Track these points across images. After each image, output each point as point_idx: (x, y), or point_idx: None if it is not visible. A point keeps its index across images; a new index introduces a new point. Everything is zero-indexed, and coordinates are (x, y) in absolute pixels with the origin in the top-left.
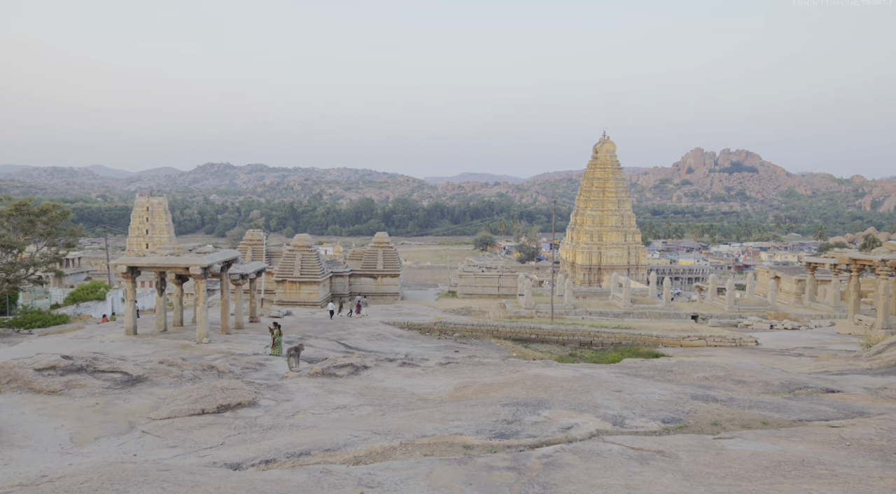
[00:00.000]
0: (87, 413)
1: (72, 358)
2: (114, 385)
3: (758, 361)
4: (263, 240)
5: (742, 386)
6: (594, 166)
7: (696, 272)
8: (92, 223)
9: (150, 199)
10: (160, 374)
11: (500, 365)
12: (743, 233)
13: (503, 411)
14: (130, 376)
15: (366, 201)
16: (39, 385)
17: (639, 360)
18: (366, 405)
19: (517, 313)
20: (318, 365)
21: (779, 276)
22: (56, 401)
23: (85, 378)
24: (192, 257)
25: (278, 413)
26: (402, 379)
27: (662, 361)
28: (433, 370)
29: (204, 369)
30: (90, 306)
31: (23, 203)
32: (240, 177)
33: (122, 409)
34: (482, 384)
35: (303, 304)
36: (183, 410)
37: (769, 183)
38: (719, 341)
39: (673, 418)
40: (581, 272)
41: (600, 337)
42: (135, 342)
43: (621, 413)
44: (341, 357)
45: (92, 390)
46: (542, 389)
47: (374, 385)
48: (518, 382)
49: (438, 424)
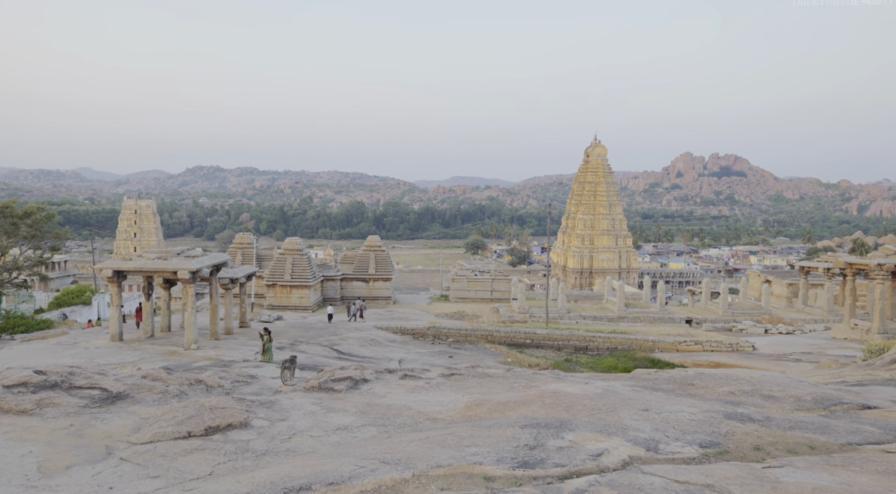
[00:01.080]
0: (60, 436)
1: (45, 373)
2: (91, 403)
3: (781, 374)
4: (253, 243)
5: (773, 402)
6: (585, 170)
7: (687, 275)
8: (79, 226)
9: (139, 202)
10: (143, 390)
11: (508, 377)
12: (732, 237)
13: (523, 434)
14: (110, 393)
15: (356, 204)
16: (8, 404)
17: (653, 371)
18: (369, 425)
19: (511, 317)
20: (315, 379)
21: (770, 280)
22: (25, 423)
23: (59, 395)
24: (180, 261)
25: (273, 436)
26: (406, 394)
27: (680, 373)
28: (438, 383)
29: (191, 383)
30: (75, 311)
31: (5, 205)
32: (230, 179)
33: (98, 432)
34: (496, 402)
35: (294, 308)
36: (167, 433)
37: (757, 187)
38: (716, 346)
39: (710, 441)
40: (573, 275)
41: (596, 342)
42: (120, 348)
43: (653, 436)
44: (338, 369)
45: (66, 409)
46: (562, 408)
47: (376, 401)
48: (535, 400)
49: (454, 451)
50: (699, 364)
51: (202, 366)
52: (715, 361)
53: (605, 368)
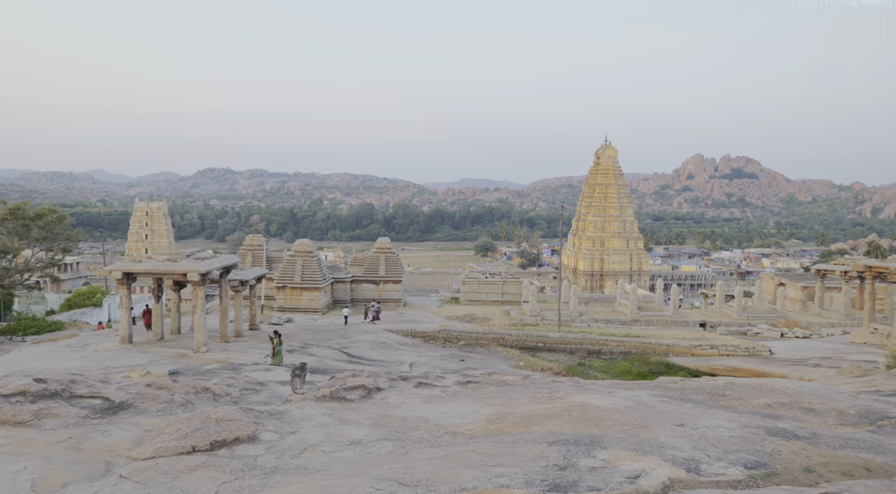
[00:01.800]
0: (57, 450)
1: (45, 381)
2: (92, 413)
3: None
4: (264, 245)
5: (814, 416)
6: (596, 172)
7: (699, 278)
8: (91, 228)
9: (150, 204)
10: (147, 400)
11: (528, 386)
12: (744, 240)
13: (552, 452)
14: (112, 402)
15: (366, 206)
16: (5, 414)
17: (678, 380)
18: (384, 439)
19: (522, 320)
20: (327, 387)
21: (784, 283)
22: (22, 435)
23: (59, 405)
24: (189, 263)
25: (282, 451)
26: (422, 404)
27: (709, 382)
28: (454, 392)
29: (197, 391)
30: (86, 312)
31: (17, 207)
32: (240, 181)
33: (98, 445)
34: (520, 415)
35: (304, 311)
36: (170, 447)
37: (769, 189)
38: (732, 350)
39: (756, 462)
40: (583, 278)
41: (609, 346)
42: (130, 351)
43: (692, 455)
44: (350, 375)
45: (66, 420)
46: (591, 423)
47: (391, 413)
48: (562, 414)
49: (478, 471)
50: (715, 368)
51: (212, 370)
52: (731, 366)
53: (618, 372)
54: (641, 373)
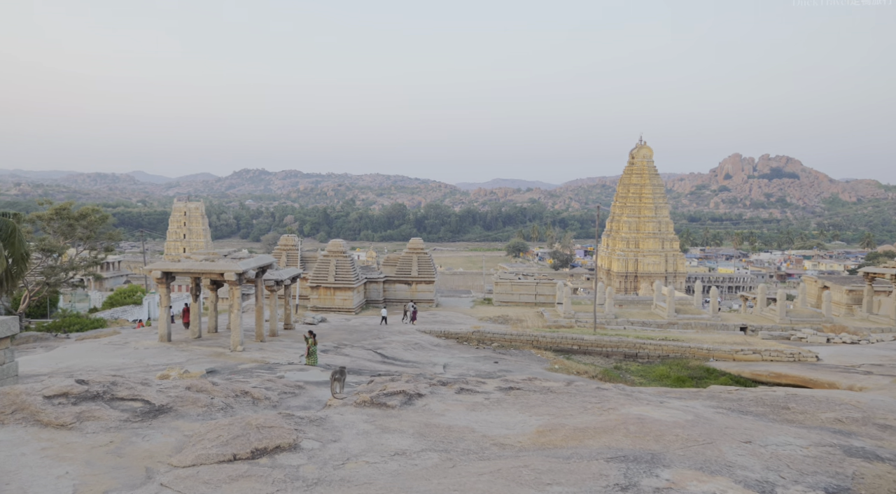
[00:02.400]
0: (99, 455)
1: (87, 382)
2: (133, 417)
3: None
4: (298, 245)
5: (892, 434)
6: (630, 172)
7: (737, 280)
8: (132, 227)
9: (188, 204)
10: (187, 403)
11: (574, 394)
12: (784, 241)
13: (611, 470)
14: (153, 405)
15: (398, 207)
16: (48, 416)
17: (732, 389)
18: (429, 450)
19: (556, 322)
20: (366, 392)
21: (828, 286)
22: (64, 438)
23: (100, 408)
24: (226, 263)
25: (325, 461)
26: (466, 412)
27: (768, 394)
28: (498, 400)
29: (237, 395)
30: (127, 310)
31: (63, 207)
32: (274, 182)
33: (139, 450)
34: (572, 427)
35: (337, 310)
36: (211, 455)
37: (811, 189)
38: (775, 355)
39: (837, 486)
40: (617, 279)
41: (646, 350)
42: (168, 349)
43: (765, 476)
44: (388, 379)
45: (107, 423)
46: (651, 438)
47: (434, 421)
48: (618, 427)
49: (533, 490)
50: (758, 374)
51: (248, 369)
52: (776, 372)
53: (656, 377)
54: (680, 378)
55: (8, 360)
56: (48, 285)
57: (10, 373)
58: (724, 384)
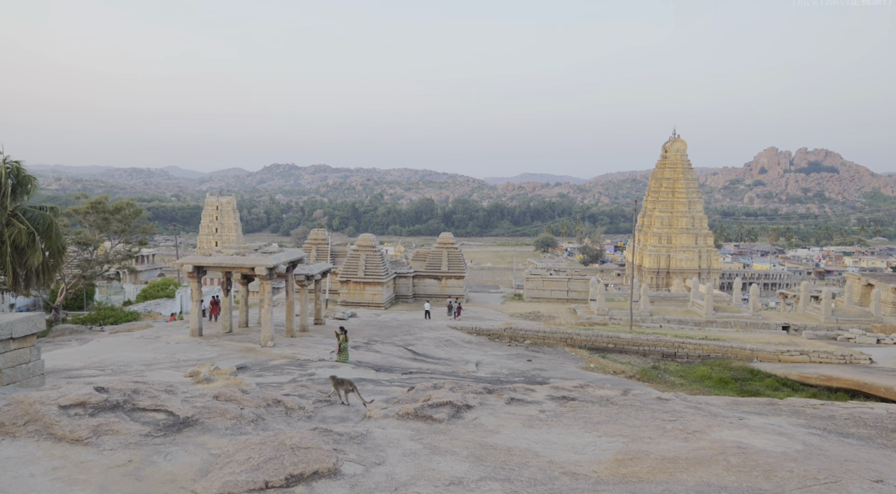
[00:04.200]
0: (115, 477)
1: (107, 390)
2: (155, 431)
3: None
4: (328, 239)
5: None
6: (663, 166)
7: (773, 277)
8: (166, 221)
9: (220, 199)
10: (214, 414)
11: (637, 407)
12: (823, 237)
13: None
14: (177, 418)
15: (426, 201)
16: (62, 429)
17: (817, 403)
18: (489, 479)
19: (589, 319)
20: (409, 402)
21: (873, 284)
22: (79, 455)
23: (120, 420)
24: (257, 257)
25: (370, 490)
26: (523, 429)
27: (863, 410)
28: (555, 413)
29: (268, 404)
30: (160, 303)
31: (98, 201)
32: (304, 177)
33: (160, 473)
34: (659, 457)
35: (367, 305)
36: (240, 482)
37: (851, 184)
38: (824, 357)
39: None
40: (648, 275)
41: (685, 349)
42: (200, 344)
43: None
44: (431, 387)
45: (126, 439)
46: (759, 474)
47: (489, 441)
48: (716, 458)
49: None
50: (807, 377)
51: (278, 365)
52: (826, 375)
53: (697, 377)
54: (723, 379)
55: (34, 358)
56: (84, 278)
57: (36, 372)
58: (770, 386)
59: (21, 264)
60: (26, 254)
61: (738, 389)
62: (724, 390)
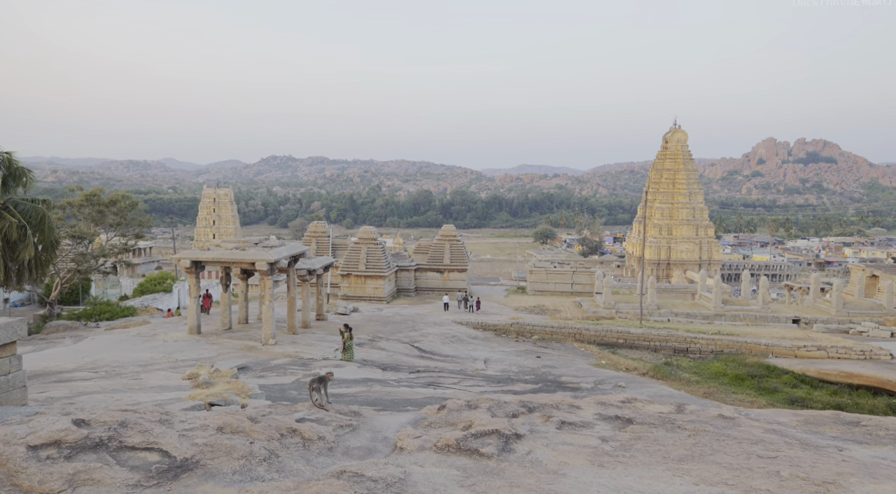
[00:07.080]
0: None
1: (88, 424)
2: (145, 478)
3: None
4: (328, 232)
5: None
6: (664, 156)
7: (774, 268)
8: (163, 213)
9: (217, 191)
10: (218, 453)
11: (716, 435)
12: (822, 228)
13: None
14: (173, 459)
15: (424, 193)
16: (30, 479)
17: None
18: None
19: (595, 313)
20: (447, 429)
21: (877, 275)
22: None
23: (103, 464)
24: (257, 251)
25: None
26: (593, 470)
27: None
28: (623, 446)
29: (282, 435)
30: (157, 298)
31: (93, 193)
32: (301, 169)
33: None
34: None
35: (368, 299)
36: None
37: (849, 174)
38: (843, 353)
39: None
40: (648, 267)
41: (698, 344)
42: (198, 342)
43: None
44: (466, 407)
45: (110, 491)
46: None
47: (556, 488)
48: None
49: None
50: (825, 373)
51: (281, 364)
52: (847, 371)
53: (711, 374)
54: (739, 376)
55: (14, 369)
56: (79, 272)
57: (16, 384)
58: (788, 383)
59: (13, 258)
60: (18, 248)
61: (755, 386)
62: (741, 387)
